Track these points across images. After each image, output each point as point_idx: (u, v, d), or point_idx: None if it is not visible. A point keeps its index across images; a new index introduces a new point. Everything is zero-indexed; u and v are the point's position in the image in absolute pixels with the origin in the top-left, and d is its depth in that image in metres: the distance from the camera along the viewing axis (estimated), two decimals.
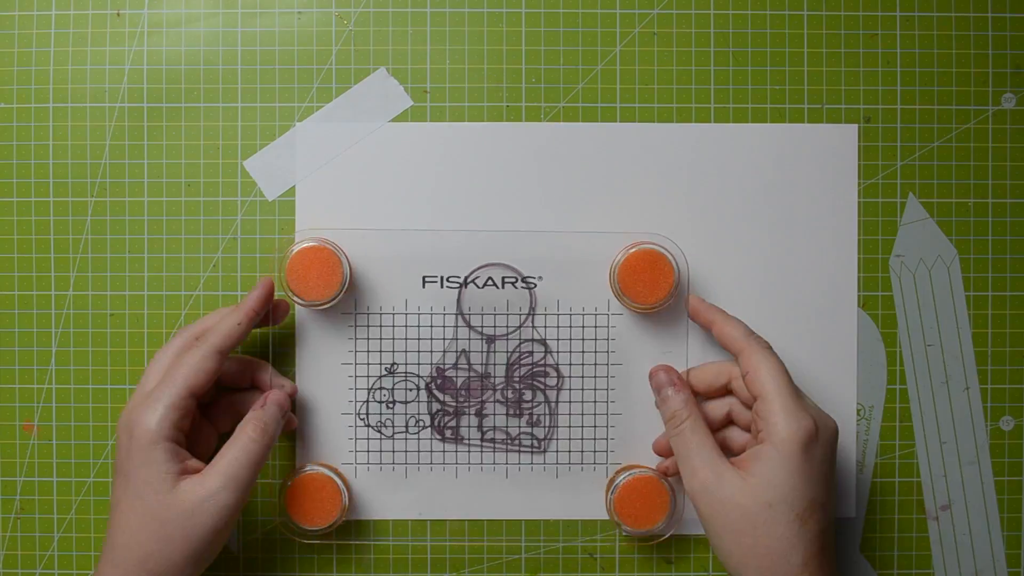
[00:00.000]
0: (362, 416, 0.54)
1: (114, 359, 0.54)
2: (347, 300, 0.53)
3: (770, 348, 0.49)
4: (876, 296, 0.54)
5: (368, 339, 0.54)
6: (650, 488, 0.52)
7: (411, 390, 0.54)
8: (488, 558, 0.54)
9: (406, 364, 0.54)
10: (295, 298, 0.51)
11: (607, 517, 0.54)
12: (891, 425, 0.54)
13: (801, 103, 0.54)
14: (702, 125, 0.54)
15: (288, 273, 0.51)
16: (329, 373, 0.54)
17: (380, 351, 0.53)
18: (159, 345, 0.54)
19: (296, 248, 0.51)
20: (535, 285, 0.53)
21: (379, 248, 0.53)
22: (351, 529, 0.54)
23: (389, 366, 0.54)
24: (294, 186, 0.54)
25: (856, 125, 0.54)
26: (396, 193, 0.54)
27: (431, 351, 0.54)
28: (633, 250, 0.52)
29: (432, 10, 0.54)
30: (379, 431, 0.54)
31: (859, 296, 0.54)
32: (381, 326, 0.54)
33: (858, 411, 0.54)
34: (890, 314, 0.54)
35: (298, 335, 0.54)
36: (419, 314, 0.53)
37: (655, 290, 0.52)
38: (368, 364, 0.54)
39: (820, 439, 0.46)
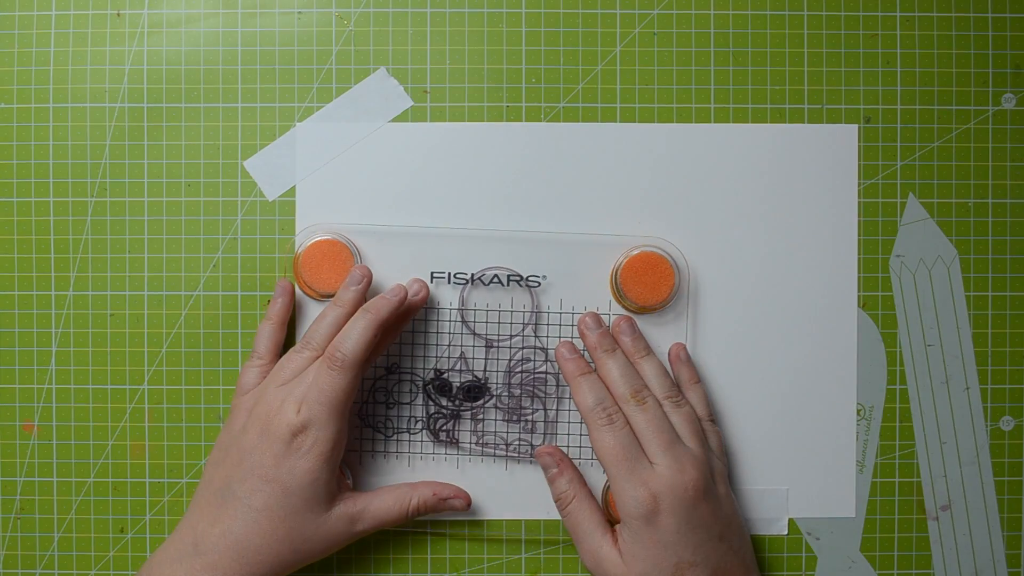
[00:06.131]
0: (362, 416, 0.54)
1: (114, 359, 0.54)
2: None
3: (613, 421, 0.49)
4: (876, 296, 0.54)
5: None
6: None
7: (410, 391, 0.54)
8: (488, 558, 0.54)
9: (412, 366, 0.54)
10: (309, 290, 0.53)
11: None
12: (891, 425, 0.54)
13: (801, 103, 0.54)
14: (702, 125, 0.54)
15: (302, 266, 0.52)
16: None
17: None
18: (159, 345, 0.54)
19: (309, 241, 0.52)
20: (538, 284, 0.53)
21: (387, 245, 0.53)
22: None
23: (388, 367, 0.54)
24: (294, 186, 0.54)
25: (856, 125, 0.54)
26: (396, 193, 0.54)
27: (436, 356, 0.54)
28: (635, 252, 0.53)
29: (432, 10, 0.54)
30: (380, 431, 0.54)
31: (859, 296, 0.54)
32: None
33: (858, 411, 0.54)
34: (890, 314, 0.54)
35: (301, 326, 0.54)
36: (425, 308, 0.53)
37: (656, 291, 0.52)
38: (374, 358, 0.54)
39: (664, 506, 0.47)
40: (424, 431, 0.54)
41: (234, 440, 0.48)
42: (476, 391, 0.53)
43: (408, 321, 0.53)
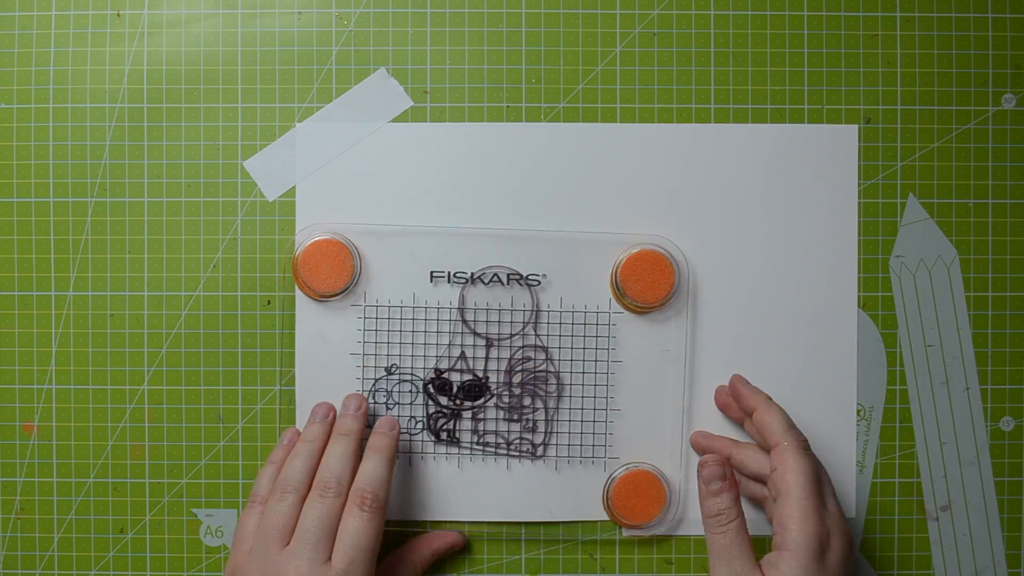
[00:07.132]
0: None
1: (114, 359, 0.54)
2: (356, 293, 0.53)
3: (806, 447, 0.48)
4: (876, 296, 0.54)
5: (376, 331, 0.54)
6: (646, 483, 0.52)
7: (410, 391, 0.54)
8: (488, 558, 0.54)
9: (412, 366, 0.54)
10: (308, 290, 0.53)
11: (607, 517, 0.54)
12: (891, 425, 0.54)
13: (801, 103, 0.54)
14: (702, 125, 0.54)
15: (301, 266, 0.52)
16: (334, 365, 0.54)
17: (388, 342, 0.53)
18: (159, 345, 0.54)
19: (308, 241, 0.52)
20: (538, 283, 0.53)
21: (387, 245, 0.53)
22: None
23: (388, 367, 0.54)
24: (294, 186, 0.54)
25: (856, 125, 0.54)
26: (396, 193, 0.54)
27: (436, 355, 0.54)
28: (634, 250, 0.53)
29: (432, 10, 0.54)
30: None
31: (859, 296, 0.54)
32: (389, 318, 0.54)
33: (858, 411, 0.54)
34: (890, 314, 0.54)
35: (301, 326, 0.54)
36: (425, 307, 0.53)
37: (656, 290, 0.52)
38: (375, 355, 0.54)
39: (833, 546, 0.46)
40: (425, 431, 0.54)
41: None
42: (476, 390, 0.53)
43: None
